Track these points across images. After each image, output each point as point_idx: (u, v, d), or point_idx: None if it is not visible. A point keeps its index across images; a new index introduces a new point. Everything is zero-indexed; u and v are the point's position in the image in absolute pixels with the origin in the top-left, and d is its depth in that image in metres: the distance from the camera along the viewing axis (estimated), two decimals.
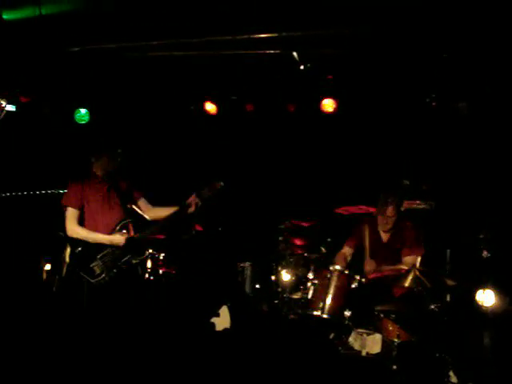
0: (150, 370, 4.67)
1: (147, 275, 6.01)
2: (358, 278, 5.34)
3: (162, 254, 6.24)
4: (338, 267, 5.38)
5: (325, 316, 5.21)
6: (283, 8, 5.07)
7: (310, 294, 5.40)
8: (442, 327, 4.75)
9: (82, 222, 4.95)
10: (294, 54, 6.16)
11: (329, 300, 5.25)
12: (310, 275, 5.51)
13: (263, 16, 5.21)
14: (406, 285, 4.87)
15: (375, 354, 4.85)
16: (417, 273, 4.85)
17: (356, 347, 4.95)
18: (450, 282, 4.80)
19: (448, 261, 5.62)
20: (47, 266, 6.46)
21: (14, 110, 6.74)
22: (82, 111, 7.28)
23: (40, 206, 6.68)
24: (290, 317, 5.66)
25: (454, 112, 6.68)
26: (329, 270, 5.38)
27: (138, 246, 4.92)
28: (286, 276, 6.12)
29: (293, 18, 5.28)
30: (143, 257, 5.07)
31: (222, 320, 5.74)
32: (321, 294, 5.31)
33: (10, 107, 6.65)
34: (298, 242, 6.50)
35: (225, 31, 5.55)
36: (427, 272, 4.79)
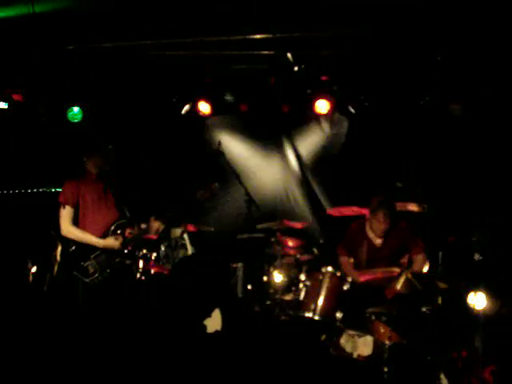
0: (143, 369, 4.65)
1: (139, 275, 5.99)
2: (349, 280, 5.34)
3: (154, 254, 6.22)
4: (330, 269, 5.39)
5: (316, 318, 5.21)
6: (278, 9, 5.07)
7: (302, 295, 5.40)
8: (434, 330, 4.76)
9: (77, 220, 4.93)
10: (289, 56, 6.16)
11: (320, 302, 5.25)
12: (302, 277, 5.51)
13: (258, 17, 5.21)
14: (398, 287, 4.88)
15: (366, 356, 4.83)
16: (408, 275, 4.86)
17: (347, 349, 4.93)
18: (442, 285, 4.81)
19: (440, 263, 5.62)
20: (33, 269, 6.38)
21: (5, 107, 6.71)
22: (75, 110, 7.25)
23: (30, 205, 6.65)
24: (282, 318, 5.65)
25: (447, 114, 6.70)
26: (321, 271, 5.39)
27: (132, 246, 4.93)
28: (277, 277, 6.10)
29: (288, 20, 5.28)
30: (135, 256, 5.07)
31: (214, 321, 5.71)
32: (313, 295, 5.31)
33: (2, 104, 6.63)
34: (291, 243, 6.49)
35: (220, 32, 5.55)
36: (419, 275, 4.80)
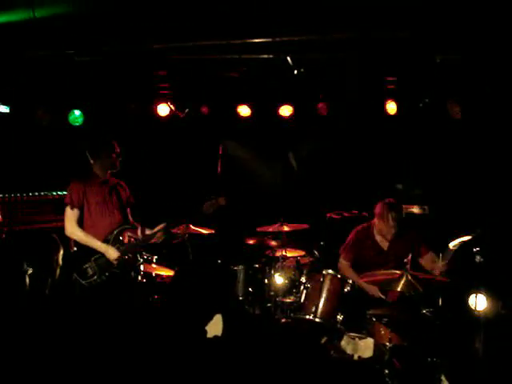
0: (145, 371, 4.66)
1: (139, 278, 6.00)
2: (350, 282, 5.34)
3: (155, 257, 6.23)
4: (330, 271, 5.38)
5: (317, 320, 5.20)
6: (278, 13, 5.08)
7: (303, 297, 5.39)
8: (434, 331, 4.76)
9: (81, 223, 4.95)
10: (288, 59, 6.17)
11: (321, 304, 5.24)
12: (303, 279, 5.50)
13: (258, 21, 5.22)
14: (398, 289, 4.87)
15: (367, 358, 4.84)
16: (409, 277, 4.86)
17: (348, 351, 4.93)
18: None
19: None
20: (30, 271, 6.37)
21: (7, 111, 6.74)
22: (76, 113, 7.28)
23: (31, 208, 6.66)
24: (283, 320, 5.65)
25: (446, 115, 6.70)
26: (321, 273, 5.38)
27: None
28: (278, 279, 6.11)
29: (287, 23, 5.30)
30: (137, 260, 5.08)
31: (214, 323, 5.73)
32: (313, 297, 5.30)
33: (4, 108, 6.65)
34: (292, 246, 6.50)
35: (220, 36, 5.56)
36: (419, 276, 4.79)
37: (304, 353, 5.02)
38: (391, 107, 6.93)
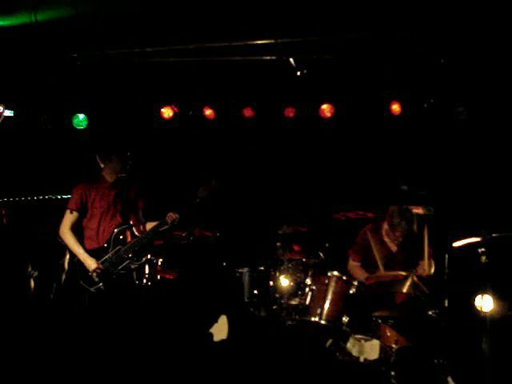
0: (148, 374, 4.66)
1: (145, 280, 6.00)
2: (355, 283, 5.32)
3: (160, 260, 6.23)
4: (336, 273, 5.36)
5: (323, 322, 5.18)
6: (280, 15, 5.08)
7: (308, 299, 5.37)
8: (440, 333, 4.73)
9: (81, 225, 4.96)
10: (291, 61, 6.16)
11: (327, 306, 5.22)
12: (308, 281, 5.48)
13: (260, 22, 5.22)
14: (404, 290, 4.86)
15: (373, 360, 4.82)
16: (415, 278, 4.84)
17: (354, 353, 4.91)
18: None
19: (446, 266, 5.60)
20: (35, 274, 6.37)
21: (11, 115, 6.75)
22: (80, 117, 7.29)
23: (35, 212, 6.67)
24: (288, 323, 5.63)
25: (451, 116, 6.68)
26: (327, 275, 5.36)
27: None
28: (284, 281, 6.08)
29: (289, 25, 5.29)
30: (141, 262, 5.06)
31: (220, 326, 5.72)
32: (319, 299, 5.28)
33: (8, 113, 6.66)
34: (296, 248, 6.48)
35: (221, 37, 5.56)
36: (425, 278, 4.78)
37: (310, 355, 5.01)
38: (396, 108, 6.92)
